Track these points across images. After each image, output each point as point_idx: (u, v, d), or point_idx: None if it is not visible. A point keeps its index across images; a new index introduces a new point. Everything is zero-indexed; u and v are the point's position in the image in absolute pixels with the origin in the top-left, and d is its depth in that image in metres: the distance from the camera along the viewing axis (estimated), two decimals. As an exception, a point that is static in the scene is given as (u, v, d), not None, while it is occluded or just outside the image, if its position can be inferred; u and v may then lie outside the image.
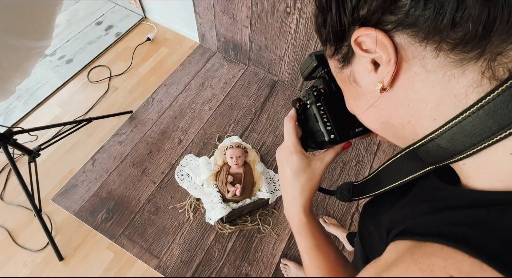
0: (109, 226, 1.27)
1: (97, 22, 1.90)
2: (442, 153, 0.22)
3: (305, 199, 0.36)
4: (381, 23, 0.20)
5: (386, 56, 0.21)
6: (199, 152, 1.47)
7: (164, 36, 1.88)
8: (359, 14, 0.21)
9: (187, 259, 1.23)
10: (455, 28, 0.18)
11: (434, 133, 0.22)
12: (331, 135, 0.34)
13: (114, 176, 1.39)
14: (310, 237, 0.36)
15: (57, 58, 1.74)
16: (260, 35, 1.49)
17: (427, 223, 0.22)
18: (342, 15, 0.22)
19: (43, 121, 1.53)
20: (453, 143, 0.21)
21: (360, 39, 0.22)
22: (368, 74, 0.23)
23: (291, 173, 0.36)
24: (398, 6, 0.19)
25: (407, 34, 0.20)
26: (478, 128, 0.19)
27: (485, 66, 0.18)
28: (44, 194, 1.31)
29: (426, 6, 0.18)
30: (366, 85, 0.25)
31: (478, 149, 0.20)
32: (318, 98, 0.34)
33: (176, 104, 1.62)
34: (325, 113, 0.34)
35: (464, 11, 0.17)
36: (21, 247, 1.21)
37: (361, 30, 0.21)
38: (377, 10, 0.20)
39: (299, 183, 0.35)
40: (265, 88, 1.70)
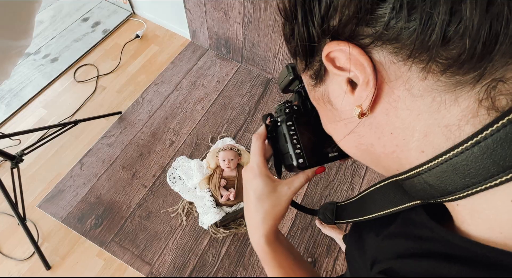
0: (99, 233, 1.22)
1: (83, 18, 1.82)
2: (430, 191, 0.19)
3: (268, 227, 0.32)
4: (356, 37, 0.17)
5: (363, 76, 0.17)
6: (191, 153, 1.43)
7: (154, 33, 1.81)
8: (330, 25, 0.17)
9: (180, 264, 1.19)
10: (448, 45, 0.14)
11: (421, 168, 0.19)
12: (299, 159, 0.30)
13: (103, 180, 1.34)
14: (275, 266, 0.33)
15: (41, 57, 1.66)
16: (253, 31, 1.44)
17: (412, 269, 0.20)
18: (310, 26, 0.18)
19: (27, 123, 1.46)
20: (443, 182, 0.18)
21: (333, 54, 0.18)
22: (344, 96, 0.20)
23: (254, 198, 0.32)
24: (375, 17, 0.15)
25: (388, 51, 0.16)
26: (472, 168, 0.16)
27: (484, 93, 0.15)
28: (29, 201, 1.26)
29: (410, 17, 0.14)
30: (342, 108, 0.21)
31: (471, 192, 0.17)
32: (289, 116, 0.30)
33: (167, 104, 1.56)
34: (295, 133, 0.30)
35: (458, 24, 0.13)
36: (5, 256, 1.16)
37: (333, 44, 0.17)
38: (350, 21, 0.16)
39: (262, 210, 0.32)
40: (259, 86, 1.66)
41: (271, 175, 0.33)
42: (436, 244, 0.20)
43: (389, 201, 0.26)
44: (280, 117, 0.31)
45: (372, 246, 0.27)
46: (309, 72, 0.22)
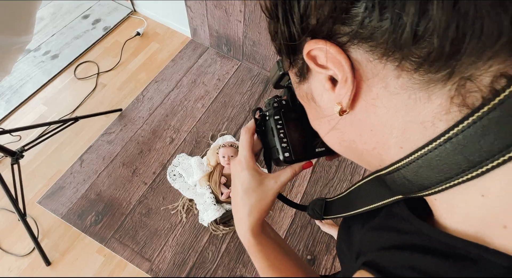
0: (99, 229, 1.23)
1: (84, 15, 1.82)
2: (408, 186, 0.20)
3: (254, 220, 0.33)
4: (334, 35, 0.18)
5: (341, 74, 0.18)
6: (191, 151, 1.43)
7: (155, 30, 1.81)
8: (309, 24, 0.18)
9: (180, 261, 1.19)
10: (419, 44, 0.15)
11: (399, 163, 0.20)
12: (285, 153, 0.30)
13: (103, 177, 1.34)
14: (261, 258, 0.33)
15: (41, 54, 1.66)
16: (254, 29, 1.44)
17: (392, 260, 0.21)
18: (290, 25, 0.19)
19: (27, 120, 1.46)
20: (419, 177, 0.19)
21: (314, 53, 0.19)
22: (326, 93, 0.21)
23: (240, 191, 0.33)
24: (351, 16, 0.16)
25: (364, 49, 0.17)
26: (445, 163, 0.17)
27: (454, 90, 0.16)
28: (29, 197, 1.26)
29: (382, 16, 0.15)
30: (324, 105, 0.22)
31: (445, 187, 0.18)
32: (277, 110, 0.31)
33: (168, 101, 1.56)
34: (282, 127, 0.30)
35: (427, 24, 0.14)
36: (5, 252, 1.16)
37: (312, 42, 0.18)
38: (327, 20, 0.17)
39: (248, 203, 0.32)
40: (259, 84, 1.66)
41: (258, 169, 0.33)
42: (414, 236, 0.21)
43: (374, 196, 0.26)
44: (269, 111, 0.32)
45: (357, 237, 0.28)
46: (293, 70, 0.23)
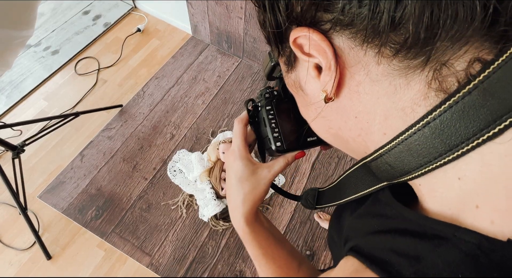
0: (99, 224, 1.23)
1: (84, 11, 1.82)
2: (391, 171, 0.21)
3: (248, 209, 0.33)
4: (317, 23, 0.18)
5: (325, 61, 0.19)
6: (192, 147, 1.44)
7: (155, 27, 1.81)
8: (293, 11, 0.18)
9: (180, 256, 1.20)
10: (396, 31, 0.15)
11: (382, 149, 0.20)
12: (277, 142, 0.31)
13: (103, 172, 1.34)
14: (255, 246, 0.33)
15: (42, 49, 1.66)
16: (254, 26, 1.45)
17: (375, 244, 0.21)
18: (276, 13, 0.19)
19: (27, 115, 1.46)
20: (401, 162, 0.19)
21: (299, 40, 0.19)
22: (312, 81, 0.21)
23: (234, 180, 0.33)
24: (332, 3, 0.16)
25: (346, 36, 0.17)
26: (423, 147, 0.18)
27: (431, 76, 0.16)
28: (30, 191, 1.27)
29: (361, 2, 0.15)
30: (311, 93, 0.22)
31: (425, 171, 0.18)
32: (269, 101, 0.31)
33: (168, 98, 1.57)
34: (274, 117, 0.31)
35: (403, 10, 0.14)
36: (6, 246, 1.17)
37: (297, 30, 0.18)
38: (310, 7, 0.17)
39: (242, 192, 0.33)
40: (260, 81, 1.67)
41: (251, 158, 0.34)
42: (396, 220, 0.21)
43: (361, 184, 0.27)
44: (261, 102, 0.32)
45: (346, 224, 0.29)
46: (282, 59, 0.23)
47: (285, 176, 1.40)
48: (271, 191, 1.33)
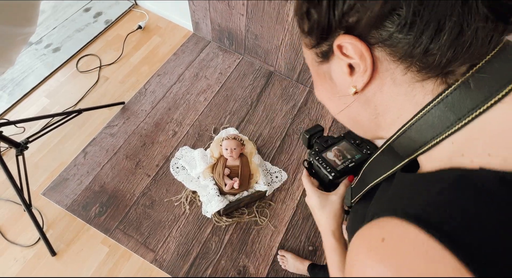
0: (103, 220, 1.24)
1: (85, 8, 1.82)
2: (412, 145, 0.25)
3: (334, 225, 0.43)
4: (366, 36, 0.22)
5: (363, 66, 0.23)
6: (194, 144, 1.44)
7: (156, 24, 1.81)
8: (348, 21, 0.21)
9: (184, 252, 1.21)
10: (426, 56, 0.20)
11: (405, 126, 0.25)
12: (332, 173, 0.45)
13: (107, 169, 1.35)
14: (340, 254, 0.41)
15: (43, 47, 1.66)
16: (256, 23, 1.45)
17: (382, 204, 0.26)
18: (331, 16, 0.22)
19: (29, 113, 1.46)
20: (420, 135, 0.24)
21: (343, 44, 0.23)
22: (343, 76, 0.25)
23: (318, 210, 0.45)
24: (385, 26, 0.20)
25: (386, 52, 0.22)
26: (439, 119, 0.23)
27: (441, 79, 0.22)
28: (33, 189, 1.27)
29: (408, 32, 0.20)
30: (340, 85, 0.27)
31: (439, 140, 0.23)
32: (316, 156, 0.48)
33: (170, 95, 1.57)
34: (323, 162, 0.46)
35: (437, 46, 0.20)
36: (11, 243, 1.17)
37: (347, 37, 0.22)
38: (366, 24, 0.21)
39: (325, 215, 0.44)
40: (261, 78, 1.67)
41: (323, 192, 0.46)
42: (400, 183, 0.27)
43: (383, 167, 0.31)
44: (312, 159, 0.48)
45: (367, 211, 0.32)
46: (316, 50, 0.26)
47: (287, 173, 1.41)
48: (273, 188, 1.34)
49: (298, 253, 1.24)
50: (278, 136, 1.51)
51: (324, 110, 1.60)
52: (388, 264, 0.19)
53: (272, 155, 1.45)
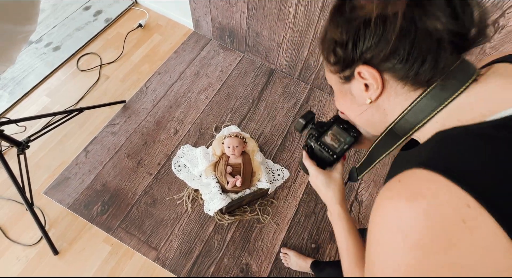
0: (105, 219, 1.24)
1: (85, 7, 1.81)
2: (408, 126, 0.35)
3: (339, 198, 0.51)
4: (378, 65, 0.33)
5: (376, 85, 0.34)
6: (196, 142, 1.44)
7: (157, 22, 1.80)
8: (365, 57, 0.32)
9: (186, 250, 1.21)
10: (416, 77, 0.32)
11: (404, 111, 0.35)
12: (333, 156, 0.53)
13: (108, 168, 1.34)
14: (347, 221, 0.49)
15: (43, 45, 1.65)
16: (257, 20, 1.44)
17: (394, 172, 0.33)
18: (354, 54, 0.33)
19: (30, 112, 1.46)
20: (415, 117, 0.34)
21: (362, 71, 0.33)
22: (361, 92, 0.36)
23: (324, 187, 0.52)
24: (390, 60, 0.31)
25: (390, 75, 0.33)
26: (427, 105, 0.33)
27: (426, 87, 0.33)
28: (35, 188, 1.27)
29: (405, 64, 0.31)
30: (359, 97, 0.38)
31: (428, 120, 0.33)
32: (315, 140, 0.54)
33: (171, 93, 1.57)
34: (324, 146, 0.54)
35: (422, 70, 0.31)
36: (13, 242, 1.17)
37: (365, 67, 0.33)
38: (378, 59, 0.32)
39: (331, 190, 0.52)
40: (263, 76, 1.66)
41: (325, 171, 0.53)
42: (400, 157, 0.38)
43: (384, 147, 0.41)
44: (313, 144, 0.55)
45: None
46: (339, 75, 0.37)
47: (289, 171, 1.41)
48: (275, 186, 1.33)
49: (301, 250, 1.24)
50: (279, 134, 1.50)
51: (325, 107, 1.60)
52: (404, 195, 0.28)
53: (274, 153, 1.45)
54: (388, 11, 0.29)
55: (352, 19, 0.31)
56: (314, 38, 1.36)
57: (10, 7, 0.84)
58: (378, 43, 0.30)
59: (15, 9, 0.87)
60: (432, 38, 0.29)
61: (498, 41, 0.98)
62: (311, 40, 1.38)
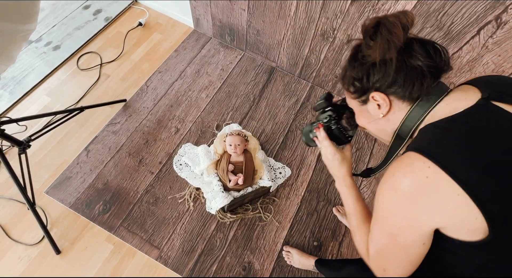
0: (107, 218, 1.23)
1: (84, 6, 1.80)
2: (408, 127, 0.51)
3: (350, 172, 0.64)
4: (384, 91, 0.49)
5: (386, 104, 0.50)
6: (197, 141, 1.43)
7: (157, 21, 1.79)
8: (376, 86, 0.49)
9: (189, 249, 1.21)
10: (410, 96, 0.48)
11: (405, 118, 0.50)
12: (349, 138, 0.65)
13: (109, 167, 1.34)
14: (353, 192, 0.62)
15: (43, 45, 1.64)
16: (258, 18, 1.43)
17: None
18: (368, 85, 0.50)
19: (31, 111, 1.45)
20: (411, 121, 0.50)
21: (374, 95, 0.50)
22: (375, 110, 0.52)
23: (339, 162, 0.64)
24: (392, 87, 0.48)
25: (394, 96, 0.49)
26: (417, 113, 0.49)
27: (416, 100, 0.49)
28: (37, 187, 1.27)
29: (402, 89, 0.47)
30: (374, 114, 0.53)
31: (419, 123, 0.49)
32: (335, 122, 0.63)
33: (172, 92, 1.56)
34: (342, 129, 0.63)
35: (414, 92, 0.47)
36: (15, 242, 1.17)
37: (376, 93, 0.49)
38: (385, 87, 0.48)
39: (345, 165, 0.64)
40: (263, 74, 1.66)
41: (340, 150, 0.65)
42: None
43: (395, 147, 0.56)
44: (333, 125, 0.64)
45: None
46: (358, 100, 0.54)
47: (291, 169, 1.40)
48: (276, 184, 1.33)
49: (303, 248, 1.24)
50: (281, 132, 1.50)
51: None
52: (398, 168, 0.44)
53: (275, 151, 1.44)
54: (386, 57, 0.45)
55: (364, 63, 0.48)
56: (315, 35, 1.35)
57: (10, 6, 0.84)
58: (383, 77, 0.47)
59: (15, 8, 0.86)
60: (417, 71, 0.45)
61: (501, 37, 0.98)
62: (312, 38, 1.37)
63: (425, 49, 0.45)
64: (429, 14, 1.02)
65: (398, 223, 0.44)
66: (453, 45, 1.07)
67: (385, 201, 0.45)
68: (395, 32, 0.43)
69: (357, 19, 1.17)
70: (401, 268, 0.46)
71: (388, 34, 0.43)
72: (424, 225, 0.42)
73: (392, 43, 0.43)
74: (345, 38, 1.28)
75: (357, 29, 1.21)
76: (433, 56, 0.45)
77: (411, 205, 0.42)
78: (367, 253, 0.53)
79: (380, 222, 0.47)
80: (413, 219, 0.42)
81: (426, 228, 0.42)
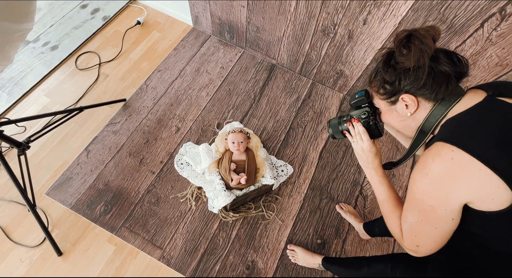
0: (109, 219, 1.22)
1: (82, 5, 1.78)
2: (431, 123, 0.57)
3: (381, 163, 0.70)
4: (413, 93, 0.56)
5: (414, 104, 0.56)
6: (198, 139, 1.42)
7: (155, 19, 1.78)
8: (405, 89, 0.56)
9: (191, 248, 1.20)
10: (435, 97, 0.55)
11: (429, 115, 0.57)
12: (382, 132, 0.70)
13: (110, 167, 1.33)
14: (386, 179, 0.68)
15: (41, 45, 1.63)
16: (257, 15, 1.42)
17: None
18: (399, 87, 0.56)
19: (30, 112, 1.44)
20: (434, 117, 0.56)
21: (404, 97, 0.57)
22: (404, 109, 0.58)
23: (373, 155, 0.69)
24: (421, 90, 0.55)
25: (422, 97, 0.56)
26: (440, 110, 0.55)
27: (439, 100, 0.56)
28: (37, 189, 1.25)
29: (430, 91, 0.55)
30: (402, 113, 0.59)
31: (440, 119, 0.56)
32: (373, 119, 0.68)
33: (172, 90, 1.55)
34: (377, 125, 0.69)
35: (439, 93, 0.55)
36: (16, 244, 1.16)
37: (407, 95, 0.56)
38: (414, 90, 0.55)
39: (378, 158, 0.69)
40: (264, 72, 1.64)
41: (374, 144, 0.70)
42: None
43: (417, 141, 0.62)
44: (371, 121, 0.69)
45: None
46: (387, 100, 0.60)
47: (293, 167, 1.39)
48: (279, 182, 1.32)
49: (307, 246, 1.23)
50: (282, 130, 1.48)
51: (328, 102, 1.58)
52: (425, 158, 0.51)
53: (277, 149, 1.43)
54: (420, 63, 0.52)
55: (397, 68, 0.55)
56: (316, 31, 1.34)
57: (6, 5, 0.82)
58: (414, 80, 0.54)
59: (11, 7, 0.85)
60: (444, 75, 0.53)
61: (505, 29, 0.96)
62: (312, 34, 1.36)
63: (450, 57, 0.53)
64: (431, 7, 1.01)
65: (430, 202, 0.50)
66: (456, 39, 1.06)
67: (417, 184, 0.52)
68: (427, 43, 0.51)
69: (358, 13, 1.16)
70: (432, 242, 0.53)
71: (421, 44, 0.51)
72: (453, 201, 0.48)
73: (424, 51, 0.51)
74: (346, 33, 1.26)
75: (359, 24, 1.19)
76: (457, 63, 0.53)
77: (441, 184, 0.48)
78: (401, 233, 0.59)
79: (413, 202, 0.54)
80: (443, 197, 0.48)
81: (455, 204, 0.48)
